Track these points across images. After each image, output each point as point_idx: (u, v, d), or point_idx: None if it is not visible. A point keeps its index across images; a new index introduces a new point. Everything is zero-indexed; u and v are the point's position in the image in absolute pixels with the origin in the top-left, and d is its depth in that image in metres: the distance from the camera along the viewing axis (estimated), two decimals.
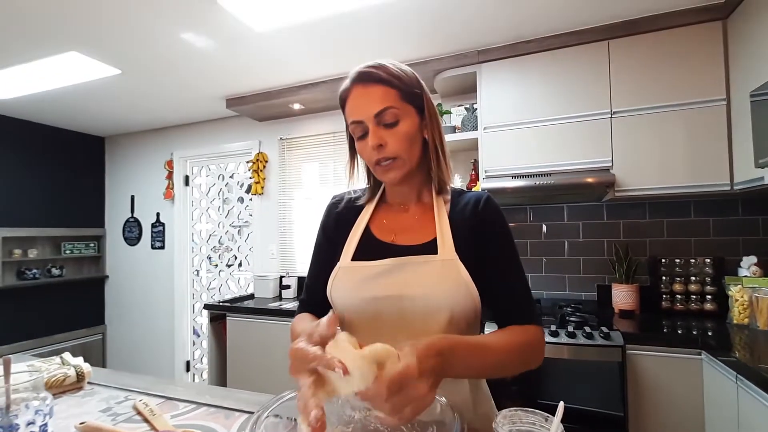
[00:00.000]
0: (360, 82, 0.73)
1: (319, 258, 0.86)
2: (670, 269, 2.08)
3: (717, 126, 1.81)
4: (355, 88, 0.73)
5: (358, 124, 0.73)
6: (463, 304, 0.70)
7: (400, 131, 0.72)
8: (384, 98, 0.71)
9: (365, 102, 0.72)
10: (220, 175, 3.56)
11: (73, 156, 3.72)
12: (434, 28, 2.03)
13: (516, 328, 0.70)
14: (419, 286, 0.71)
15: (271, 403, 0.61)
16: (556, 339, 1.71)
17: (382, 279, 0.73)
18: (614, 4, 1.84)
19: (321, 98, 2.74)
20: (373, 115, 0.71)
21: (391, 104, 0.71)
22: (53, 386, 0.93)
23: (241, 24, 1.93)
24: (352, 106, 0.74)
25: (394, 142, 0.72)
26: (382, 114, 0.71)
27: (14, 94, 2.76)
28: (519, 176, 2.07)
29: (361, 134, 0.74)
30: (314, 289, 0.83)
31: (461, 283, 0.70)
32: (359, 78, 0.73)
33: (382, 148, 0.72)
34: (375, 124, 0.71)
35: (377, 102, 0.71)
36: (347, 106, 0.75)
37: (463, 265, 0.71)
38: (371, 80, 0.72)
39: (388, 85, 0.72)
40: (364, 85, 0.72)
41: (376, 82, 0.72)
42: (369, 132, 0.72)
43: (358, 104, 0.72)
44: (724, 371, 1.39)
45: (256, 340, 2.48)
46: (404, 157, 0.73)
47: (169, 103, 3.06)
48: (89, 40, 2.06)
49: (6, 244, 3.20)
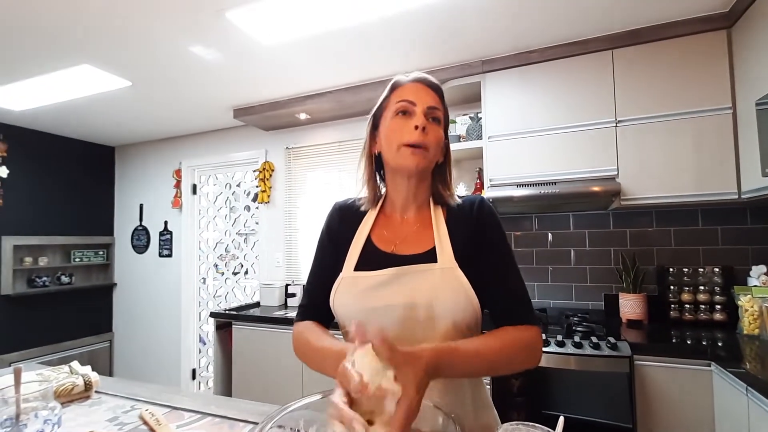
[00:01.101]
0: (420, 82, 0.80)
1: (322, 263, 0.86)
2: (678, 278, 2.06)
3: (723, 135, 1.80)
4: (415, 83, 0.79)
5: (410, 103, 0.77)
6: (463, 310, 0.71)
7: (439, 132, 0.78)
8: (437, 101, 0.79)
9: (423, 94, 0.78)
10: (227, 184, 3.60)
11: (83, 165, 3.79)
12: (439, 39, 2.05)
13: (511, 329, 0.71)
14: (420, 295, 0.72)
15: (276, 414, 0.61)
16: (563, 349, 1.69)
17: (384, 289, 0.74)
18: (618, 15, 1.85)
19: (327, 108, 2.77)
20: (427, 106, 0.77)
21: (440, 108, 0.79)
22: (61, 395, 0.94)
23: (249, 37, 1.96)
24: (409, 89, 0.78)
25: (433, 136, 0.76)
26: (433, 110, 0.77)
27: (28, 106, 2.83)
28: (524, 185, 2.07)
29: (405, 111, 0.77)
30: (316, 294, 0.84)
31: (461, 291, 0.71)
32: (420, 79, 0.80)
33: (425, 132, 0.75)
34: (423, 112, 0.76)
35: (434, 99, 0.78)
36: (402, 89, 0.79)
37: (462, 272, 0.72)
38: (431, 86, 0.80)
39: (440, 98, 0.81)
40: (423, 86, 0.79)
41: (434, 89, 0.80)
42: (416, 114, 0.76)
43: (418, 92, 0.78)
44: (734, 383, 1.37)
45: (262, 349, 2.48)
46: (432, 153, 0.77)
47: (177, 114, 3.12)
48: (101, 53, 2.11)
49: (17, 252, 3.26)
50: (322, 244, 0.88)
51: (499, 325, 0.73)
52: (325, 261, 0.85)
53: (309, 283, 0.87)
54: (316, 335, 0.75)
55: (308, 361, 0.75)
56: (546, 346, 1.72)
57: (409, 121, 0.76)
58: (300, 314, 0.85)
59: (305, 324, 0.81)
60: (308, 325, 0.80)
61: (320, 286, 0.82)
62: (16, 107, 2.84)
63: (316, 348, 0.72)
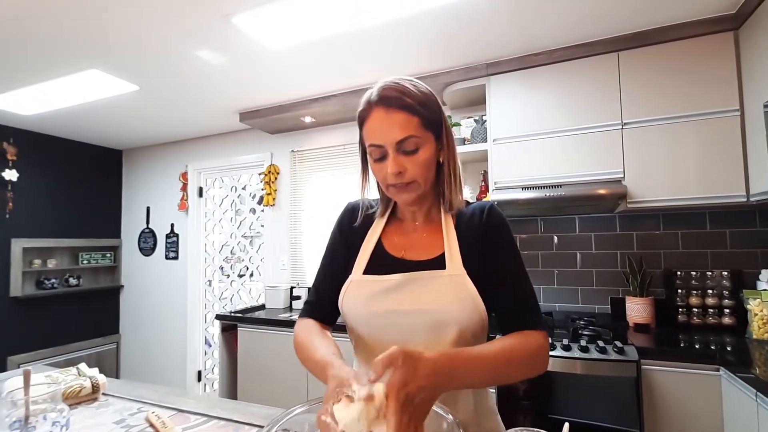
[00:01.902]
0: (382, 105, 0.71)
1: (332, 262, 0.86)
2: (686, 282, 2.03)
3: (731, 137, 1.78)
4: (376, 110, 0.72)
5: (378, 147, 0.72)
6: (470, 318, 0.71)
7: (419, 159, 0.72)
8: (406, 126, 0.70)
9: (387, 127, 0.70)
10: (232, 187, 3.62)
11: (91, 169, 3.83)
12: (444, 43, 2.06)
13: (518, 335, 0.70)
14: (427, 301, 0.72)
15: (281, 417, 0.62)
16: (569, 353, 1.68)
17: (392, 294, 0.74)
18: (623, 17, 1.84)
19: (332, 111, 2.79)
20: (395, 142, 0.70)
21: (413, 133, 0.70)
22: (69, 397, 0.95)
23: (255, 42, 1.98)
24: (372, 129, 0.72)
25: (412, 169, 0.72)
26: (403, 142, 0.70)
27: (38, 111, 2.87)
28: (529, 188, 2.06)
29: (378, 157, 0.73)
30: (323, 293, 0.84)
31: (468, 298, 0.71)
32: (382, 101, 0.71)
33: (401, 174, 0.72)
34: (395, 151, 0.71)
35: (399, 130, 0.70)
36: (367, 126, 0.74)
37: (470, 279, 0.72)
38: (394, 105, 0.70)
39: (411, 112, 0.70)
40: (386, 110, 0.70)
41: (398, 108, 0.70)
42: (389, 157, 0.71)
43: (380, 129, 0.71)
44: (743, 388, 1.35)
45: (267, 351, 2.49)
46: (420, 182, 0.74)
47: (184, 118, 3.14)
48: (109, 58, 2.14)
49: (26, 254, 3.30)
50: (332, 243, 0.88)
51: (506, 331, 0.73)
52: (334, 261, 0.85)
53: (317, 281, 0.87)
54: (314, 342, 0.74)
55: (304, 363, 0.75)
56: (552, 350, 1.71)
57: (384, 164, 0.72)
58: (305, 311, 0.84)
59: (306, 324, 0.81)
60: (308, 326, 0.80)
61: (328, 285, 0.82)
62: (27, 111, 2.88)
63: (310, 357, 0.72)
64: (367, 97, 0.74)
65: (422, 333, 0.72)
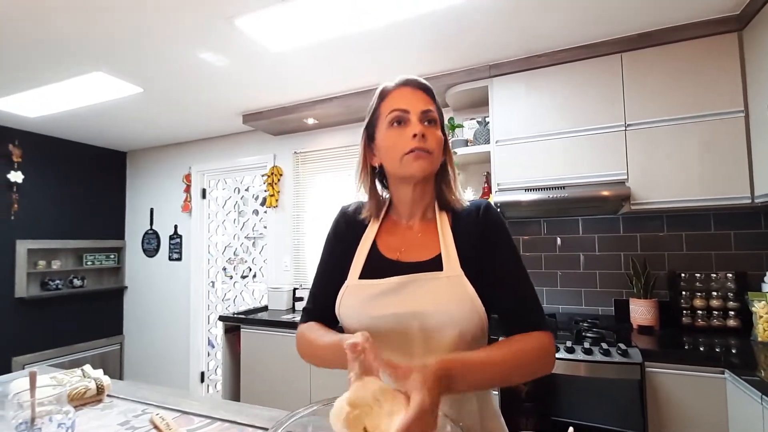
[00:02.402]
0: (407, 85, 0.78)
1: (327, 268, 0.86)
2: (691, 284, 2.02)
3: (735, 138, 1.78)
4: (402, 88, 0.78)
5: (402, 112, 0.76)
6: (469, 320, 0.71)
7: (437, 134, 0.77)
8: (429, 102, 0.78)
9: (414, 99, 0.76)
10: (235, 188, 3.64)
11: (96, 170, 3.85)
12: (446, 45, 2.06)
13: (522, 336, 0.70)
14: (425, 304, 0.71)
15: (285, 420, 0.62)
16: (572, 355, 1.68)
17: (389, 297, 0.74)
18: (626, 18, 1.84)
19: (334, 113, 2.79)
20: (420, 110, 0.75)
21: (434, 109, 0.78)
22: (74, 398, 0.95)
23: (258, 44, 1.99)
24: (398, 96, 0.77)
25: (432, 139, 0.75)
26: (427, 112, 0.76)
27: (43, 113, 2.89)
28: (532, 189, 2.06)
29: (399, 121, 0.76)
30: (320, 299, 0.84)
31: (467, 300, 0.71)
32: (407, 82, 0.79)
33: (425, 138, 0.74)
34: (418, 118, 0.75)
35: (424, 102, 0.77)
36: (391, 96, 0.78)
37: (468, 280, 0.71)
38: (419, 86, 0.78)
39: (431, 96, 0.79)
40: (411, 88, 0.78)
41: (422, 89, 0.78)
42: (411, 122, 0.75)
43: (407, 98, 0.77)
44: (748, 391, 1.34)
45: (270, 352, 2.49)
46: (436, 155, 0.77)
47: (187, 119, 3.16)
48: (114, 60, 2.15)
49: (31, 255, 3.32)
50: (327, 249, 0.88)
51: (510, 332, 0.72)
52: (330, 266, 0.85)
53: (314, 287, 0.87)
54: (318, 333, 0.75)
55: (313, 359, 0.76)
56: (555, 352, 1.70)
57: (405, 130, 0.75)
58: (304, 318, 0.84)
59: (308, 325, 0.81)
60: (310, 326, 0.80)
61: (325, 291, 0.82)
62: (32, 114, 2.90)
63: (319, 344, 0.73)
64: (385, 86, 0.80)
65: (421, 336, 0.71)
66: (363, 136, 0.83)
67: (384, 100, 0.79)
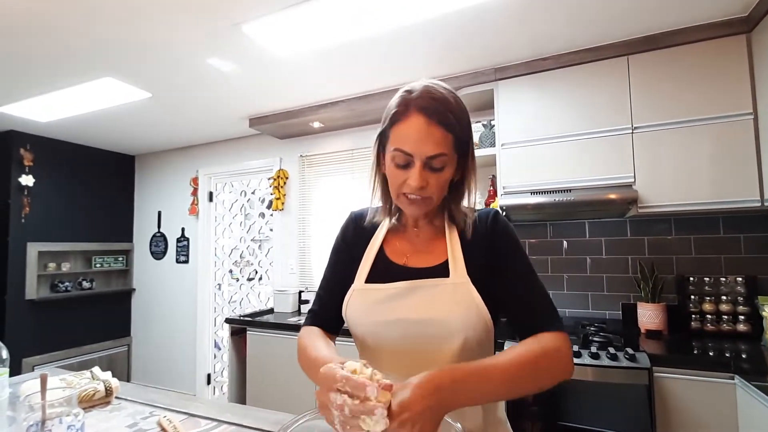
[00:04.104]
0: (424, 114, 0.67)
1: (335, 271, 0.86)
2: (699, 288, 2.00)
3: (744, 141, 1.76)
4: (415, 116, 0.68)
5: (405, 155, 0.69)
6: (474, 326, 0.70)
7: (442, 178, 0.71)
8: (442, 143, 0.68)
9: (423, 140, 0.67)
10: (242, 192, 3.67)
11: (105, 174, 3.91)
12: (452, 49, 2.06)
13: (531, 340, 0.67)
14: (430, 310, 0.71)
15: (290, 424, 0.62)
16: (579, 360, 1.66)
17: (395, 302, 0.74)
18: (633, 21, 1.83)
19: (340, 116, 2.81)
20: (426, 156, 0.68)
21: (445, 151, 0.69)
22: (83, 400, 0.97)
23: (264, 50, 2.01)
24: (406, 134, 0.69)
25: (434, 186, 0.71)
26: (433, 159, 0.68)
27: (54, 117, 2.93)
28: (538, 192, 2.05)
29: (402, 164, 0.70)
30: (327, 303, 0.84)
31: (473, 306, 0.70)
32: (424, 110, 0.68)
33: (423, 189, 0.70)
34: (422, 165, 0.69)
35: (434, 145, 0.67)
36: (400, 129, 0.70)
37: (474, 287, 0.71)
38: (435, 119, 0.67)
39: (448, 129, 0.68)
40: (427, 121, 0.67)
41: (438, 123, 0.67)
42: (414, 168, 0.69)
43: (415, 138, 0.68)
44: (759, 397, 1.32)
45: (276, 354, 2.50)
46: (434, 199, 0.73)
47: (195, 123, 3.19)
48: (123, 66, 2.19)
49: (41, 258, 3.37)
50: (336, 252, 0.88)
51: (523, 335, 0.69)
52: (338, 269, 0.86)
53: (321, 289, 0.87)
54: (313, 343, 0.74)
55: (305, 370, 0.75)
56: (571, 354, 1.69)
57: (407, 173, 0.70)
58: (309, 319, 0.85)
59: (309, 330, 0.81)
60: (310, 331, 0.80)
61: (332, 294, 0.83)
62: (43, 119, 2.95)
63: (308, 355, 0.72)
64: (406, 96, 0.70)
65: (426, 341, 0.72)
66: (376, 143, 0.77)
67: (394, 126, 0.70)
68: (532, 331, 0.68)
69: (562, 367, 0.65)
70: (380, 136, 0.76)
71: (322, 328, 0.82)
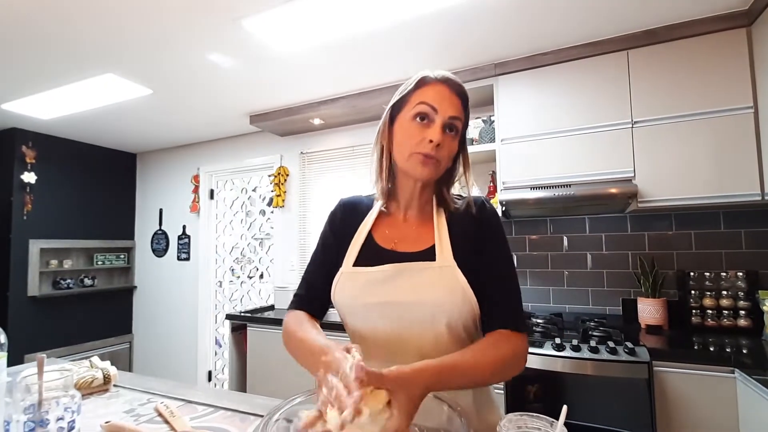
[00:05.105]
0: (448, 85, 0.75)
1: (322, 256, 0.86)
2: (700, 283, 1.99)
3: (744, 134, 1.75)
4: (441, 85, 0.75)
5: (432, 109, 0.73)
6: (460, 309, 0.71)
7: (453, 144, 0.76)
8: (459, 110, 0.75)
9: (449, 101, 0.74)
10: (243, 189, 3.67)
11: (107, 171, 3.92)
12: (451, 44, 2.06)
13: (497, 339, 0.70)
14: (417, 292, 0.72)
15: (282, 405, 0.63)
16: (579, 354, 1.66)
17: (382, 285, 0.74)
18: (633, 15, 1.83)
19: (340, 113, 2.81)
20: (449, 115, 0.73)
21: (462, 119, 0.76)
22: (82, 387, 0.97)
23: (264, 45, 2.01)
24: (434, 92, 0.74)
25: (446, 149, 0.75)
26: (454, 120, 0.74)
27: (56, 115, 2.95)
28: (538, 187, 2.05)
29: (424, 117, 0.74)
30: (313, 285, 0.84)
31: (458, 290, 0.71)
32: (449, 82, 0.75)
33: (439, 147, 0.73)
34: (442, 123, 0.73)
35: (457, 108, 0.74)
36: (425, 89, 0.74)
37: (461, 271, 0.72)
38: (458, 92, 0.75)
39: (464, 103, 0.76)
40: (450, 90, 0.75)
41: (459, 95, 0.76)
42: (435, 125, 0.73)
43: (443, 98, 0.74)
44: (759, 391, 1.32)
45: (275, 350, 2.50)
46: (443, 164, 0.76)
47: (196, 120, 3.20)
48: (124, 62, 2.20)
49: (43, 255, 3.38)
50: (324, 237, 0.89)
51: (489, 326, 0.73)
52: (325, 254, 0.86)
53: (307, 272, 0.87)
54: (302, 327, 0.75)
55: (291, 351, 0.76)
56: (561, 351, 1.69)
57: (426, 130, 0.73)
58: (294, 304, 0.85)
59: (295, 314, 0.82)
60: (297, 315, 0.81)
61: (318, 278, 0.83)
62: (45, 116, 2.97)
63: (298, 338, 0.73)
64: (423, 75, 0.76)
65: (413, 324, 0.72)
66: (386, 115, 0.80)
67: (419, 88, 0.75)
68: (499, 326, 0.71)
69: (519, 366, 0.71)
70: (395, 105, 0.79)
71: (308, 312, 0.82)
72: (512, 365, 0.69)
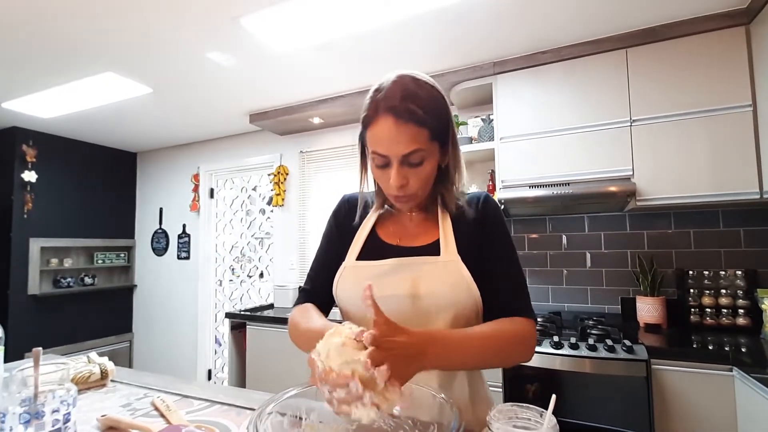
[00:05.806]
0: (392, 114, 0.66)
1: (326, 251, 0.87)
2: (699, 282, 1.99)
3: (743, 132, 1.75)
4: (384, 118, 0.67)
5: (382, 156, 0.70)
6: (464, 303, 0.72)
7: (423, 172, 0.71)
8: (415, 139, 0.67)
9: (395, 139, 0.67)
10: (243, 188, 3.68)
11: (107, 170, 3.93)
12: (451, 42, 2.07)
13: (505, 320, 0.71)
14: (422, 286, 0.72)
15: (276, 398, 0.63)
16: (576, 352, 1.66)
17: (386, 278, 0.75)
18: (632, 13, 1.83)
19: (340, 112, 2.82)
20: (401, 155, 0.68)
21: (420, 146, 0.68)
22: (79, 382, 0.97)
23: (262, 44, 2.02)
24: (378, 137, 0.69)
25: (415, 182, 0.71)
26: (409, 155, 0.68)
27: (56, 114, 2.96)
28: (537, 186, 2.05)
29: (382, 164, 0.71)
30: (318, 280, 0.85)
31: (462, 283, 0.72)
32: (393, 109, 0.66)
33: (404, 187, 0.71)
34: (400, 163, 0.69)
35: (407, 144, 0.67)
36: (372, 131, 0.70)
37: (465, 266, 0.72)
38: (404, 118, 0.66)
39: (420, 124, 0.67)
40: (396, 121, 0.66)
41: (408, 121, 0.66)
42: (392, 168, 0.69)
43: (387, 140, 0.68)
44: (757, 389, 1.31)
45: (275, 349, 2.51)
46: (420, 194, 0.75)
47: (196, 119, 3.21)
48: (124, 60, 2.20)
49: (44, 253, 3.39)
50: (327, 233, 0.90)
51: (495, 317, 0.73)
52: (329, 249, 0.87)
53: (312, 269, 0.88)
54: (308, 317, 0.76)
55: (297, 339, 0.76)
56: (559, 349, 1.69)
57: (387, 172, 0.71)
58: (300, 299, 0.86)
59: (302, 306, 0.82)
60: (304, 307, 0.81)
61: (323, 273, 0.84)
62: (45, 114, 2.98)
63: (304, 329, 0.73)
64: (374, 98, 0.70)
65: (416, 317, 0.72)
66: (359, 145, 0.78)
67: (367, 129, 0.71)
68: (506, 314, 0.72)
69: (527, 351, 0.70)
70: (360, 138, 0.76)
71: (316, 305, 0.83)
72: (519, 347, 0.69)
